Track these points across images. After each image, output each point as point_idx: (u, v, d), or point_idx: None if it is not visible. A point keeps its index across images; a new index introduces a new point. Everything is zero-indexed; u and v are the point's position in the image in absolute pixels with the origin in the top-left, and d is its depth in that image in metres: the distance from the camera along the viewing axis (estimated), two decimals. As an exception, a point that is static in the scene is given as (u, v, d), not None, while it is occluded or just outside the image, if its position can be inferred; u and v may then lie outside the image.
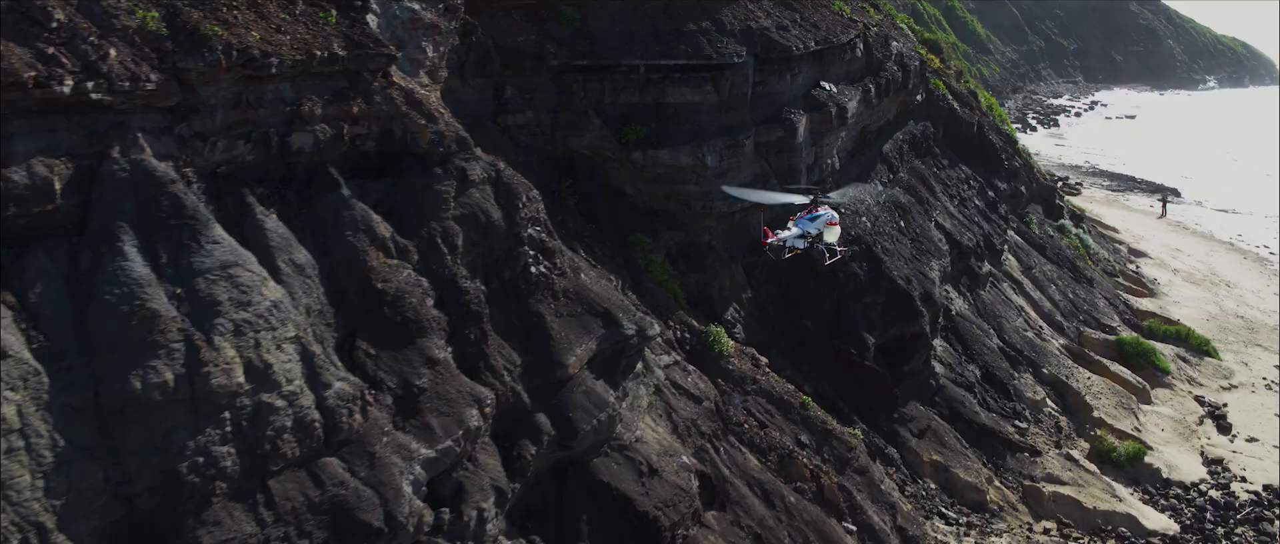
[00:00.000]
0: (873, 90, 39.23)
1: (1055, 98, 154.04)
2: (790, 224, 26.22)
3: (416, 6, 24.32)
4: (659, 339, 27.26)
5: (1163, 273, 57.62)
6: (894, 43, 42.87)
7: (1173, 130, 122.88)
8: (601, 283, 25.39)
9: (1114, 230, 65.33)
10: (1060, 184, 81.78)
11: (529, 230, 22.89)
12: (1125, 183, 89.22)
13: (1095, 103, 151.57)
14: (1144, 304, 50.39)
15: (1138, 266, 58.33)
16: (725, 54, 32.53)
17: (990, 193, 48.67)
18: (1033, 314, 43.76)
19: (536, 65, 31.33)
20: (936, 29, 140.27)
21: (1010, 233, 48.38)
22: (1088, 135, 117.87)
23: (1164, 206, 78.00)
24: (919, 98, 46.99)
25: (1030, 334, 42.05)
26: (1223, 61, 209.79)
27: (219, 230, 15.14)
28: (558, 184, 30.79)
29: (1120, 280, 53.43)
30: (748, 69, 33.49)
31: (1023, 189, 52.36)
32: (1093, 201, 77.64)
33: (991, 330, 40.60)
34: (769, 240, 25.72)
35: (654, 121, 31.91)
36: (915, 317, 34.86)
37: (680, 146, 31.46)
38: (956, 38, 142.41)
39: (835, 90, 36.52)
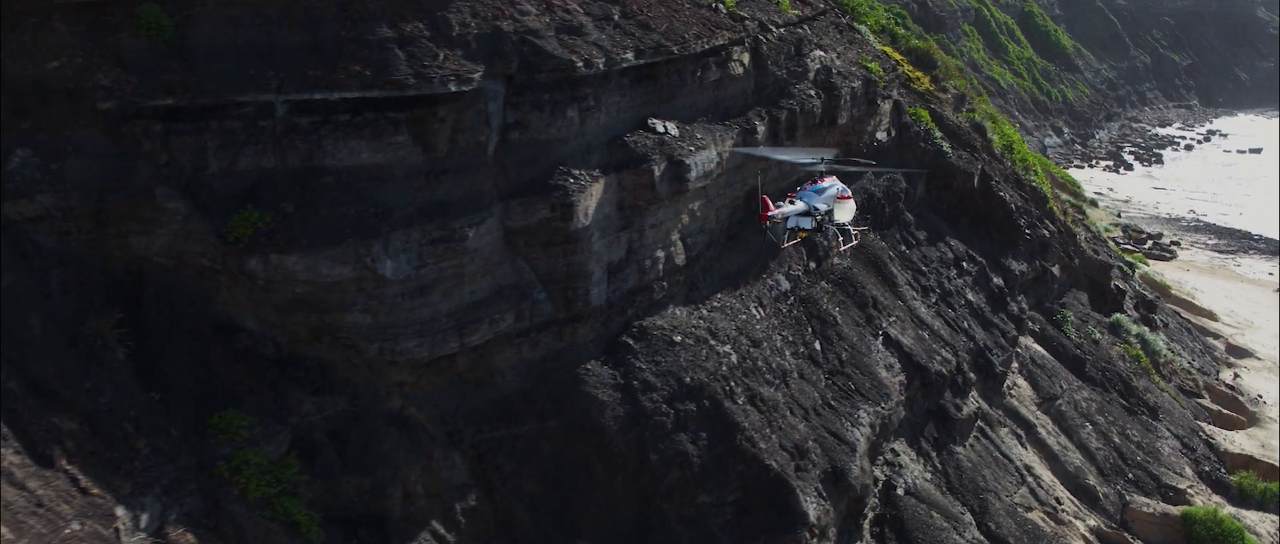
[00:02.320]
0: (762, 129, 26.72)
1: (1162, 126, 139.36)
2: (791, 199, 23.86)
3: None
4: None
5: (1273, 384, 43.57)
6: (818, 53, 30.43)
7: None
8: None
9: (1209, 316, 51.53)
10: (1149, 244, 68.19)
11: None
12: (1238, 241, 74.92)
13: (1212, 132, 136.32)
14: (1237, 441, 36.85)
15: (1236, 375, 44.68)
16: (434, 78, 20.57)
17: (996, 280, 35.69)
18: (1046, 476, 30.62)
19: (75, 109, 19.69)
20: (1008, 41, 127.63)
21: (1025, 342, 35.23)
22: (1197, 175, 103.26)
23: (1287, 275, 63.67)
24: (881, 136, 34.32)
25: (1037, 515, 28.92)
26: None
27: None
28: (99, 321, 18.96)
29: (1205, 401, 39.71)
30: (488, 102, 21.53)
31: (1055, 270, 39.24)
32: (1190, 268, 63.81)
33: (967, 514, 27.65)
34: (769, 214, 23.03)
35: (294, 201, 20.27)
36: (793, 525, 22.37)
37: (329, 245, 19.61)
38: (1034, 52, 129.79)
39: (674, 132, 24.10)
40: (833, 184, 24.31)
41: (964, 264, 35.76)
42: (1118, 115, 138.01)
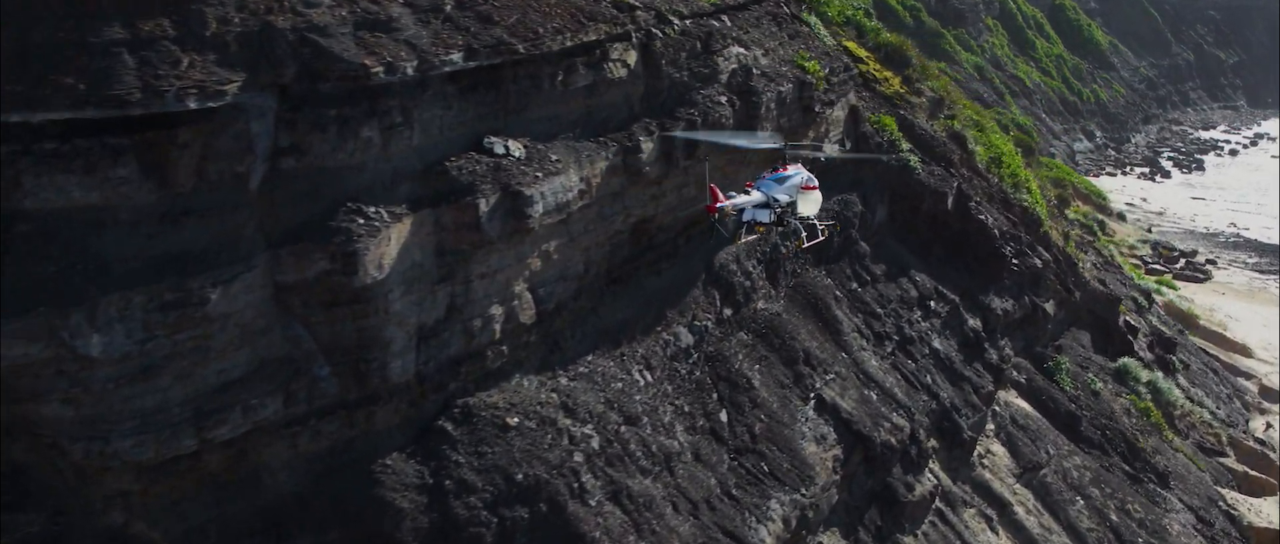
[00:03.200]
0: (649, 147, 22.66)
1: (1206, 129, 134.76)
2: (748, 188, 21.86)
3: None
4: None
5: (1314, 437, 39.21)
6: (737, 50, 26.51)
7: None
8: None
9: (1242, 351, 47.10)
10: (1181, 263, 63.72)
11: None
12: (1284, 259, 70.36)
13: (1260, 135, 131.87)
14: (1264, 512, 32.67)
15: (1268, 425, 40.27)
16: (169, 91, 16.68)
17: (971, 322, 31.53)
18: (1023, 570, 26.16)
19: None
20: (1036, 36, 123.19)
21: (1005, 398, 30.94)
22: (1241, 183, 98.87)
23: (1335, 300, 59.01)
24: (828, 149, 30.17)
25: (1006, 623, 24.53)
26: None
27: None
28: None
29: (1229, 461, 35.28)
30: (250, 121, 17.63)
31: (1048, 307, 35.10)
32: (1225, 292, 59.48)
33: (916, 626, 23.24)
34: (717, 205, 20.70)
35: (-28, 256, 16.13)
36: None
37: (11, 317, 15.63)
38: (1065, 49, 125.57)
39: (518, 153, 20.13)
40: (797, 173, 22.21)
41: (932, 303, 31.57)
42: (1156, 117, 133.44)
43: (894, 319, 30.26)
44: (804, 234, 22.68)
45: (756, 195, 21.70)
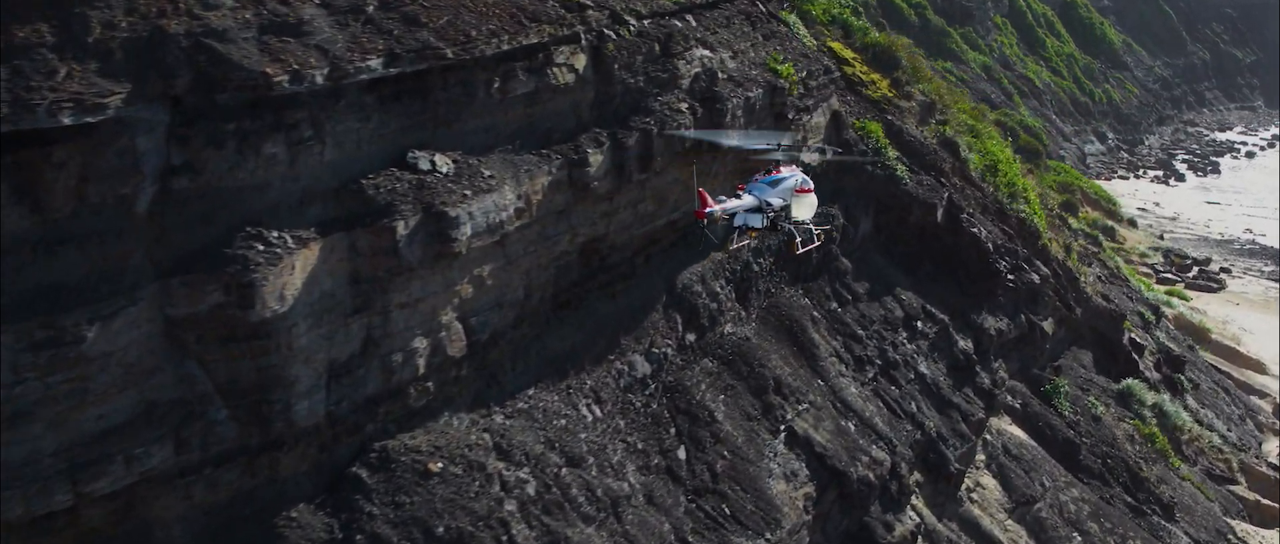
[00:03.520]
0: (598, 160, 21.22)
1: (1222, 130, 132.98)
2: (740, 191, 20.93)
3: None
4: None
5: (1332, 461, 37.57)
6: (701, 52, 25.14)
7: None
8: None
9: (1256, 367, 45.49)
10: (1194, 271, 62.13)
11: None
12: (1300, 268, 68.77)
13: (1278, 137, 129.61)
14: (1278, 547, 30.76)
15: (1284, 449, 38.46)
16: (41, 105, 15.78)
17: (962, 343, 30.07)
18: (1013, 615, 24.63)
19: None
20: (1046, 35, 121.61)
21: (997, 426, 29.35)
22: (1259, 187, 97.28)
23: (1356, 311, 57.41)
24: (806, 159, 28.44)
25: None
26: None
27: None
28: None
29: (1239, 489, 33.71)
30: (137, 136, 16.31)
31: (1046, 325, 33.49)
32: (1239, 302, 57.92)
33: None
34: (706, 210, 19.58)
35: None
36: None
37: None
38: (1077, 48, 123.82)
39: (445, 168, 18.66)
40: (792, 175, 21.56)
41: (918, 324, 30.05)
42: (1171, 118, 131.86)
43: (877, 341, 28.77)
44: (799, 239, 21.82)
45: (748, 199, 20.78)
